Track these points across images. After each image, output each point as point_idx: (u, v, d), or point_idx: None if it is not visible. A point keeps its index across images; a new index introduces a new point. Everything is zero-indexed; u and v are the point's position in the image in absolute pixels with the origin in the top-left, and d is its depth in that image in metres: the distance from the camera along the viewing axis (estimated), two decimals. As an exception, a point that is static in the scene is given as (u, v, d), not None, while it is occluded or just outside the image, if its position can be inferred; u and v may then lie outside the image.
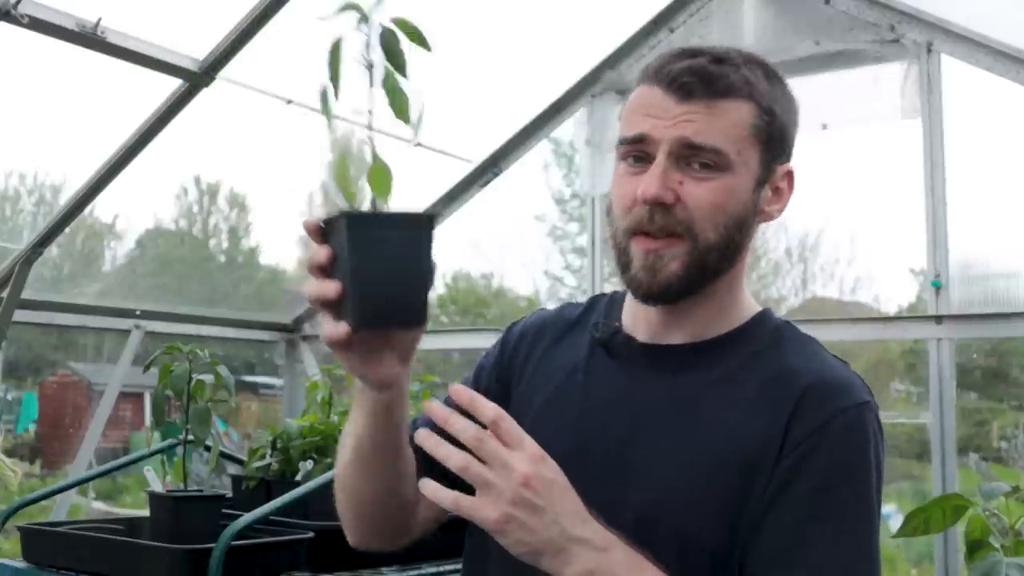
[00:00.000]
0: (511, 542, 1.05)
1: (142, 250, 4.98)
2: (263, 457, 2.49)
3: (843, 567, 1.11)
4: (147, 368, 2.17)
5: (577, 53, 3.45)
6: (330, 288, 1.03)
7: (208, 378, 2.13)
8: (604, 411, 1.24)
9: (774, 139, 1.23)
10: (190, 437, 2.13)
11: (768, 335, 1.26)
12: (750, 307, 1.30)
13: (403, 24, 1.08)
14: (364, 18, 1.07)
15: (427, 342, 1.10)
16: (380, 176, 1.06)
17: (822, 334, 1.34)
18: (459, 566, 1.41)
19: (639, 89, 1.24)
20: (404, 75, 1.08)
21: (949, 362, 3.04)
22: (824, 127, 3.33)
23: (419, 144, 1.15)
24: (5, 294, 3.20)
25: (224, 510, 2.16)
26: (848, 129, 3.37)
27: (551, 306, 1.44)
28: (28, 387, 13.36)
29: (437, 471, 1.08)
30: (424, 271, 1.05)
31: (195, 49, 2.90)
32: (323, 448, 2.45)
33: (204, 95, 2.99)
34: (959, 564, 2.93)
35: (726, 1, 3.44)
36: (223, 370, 2.14)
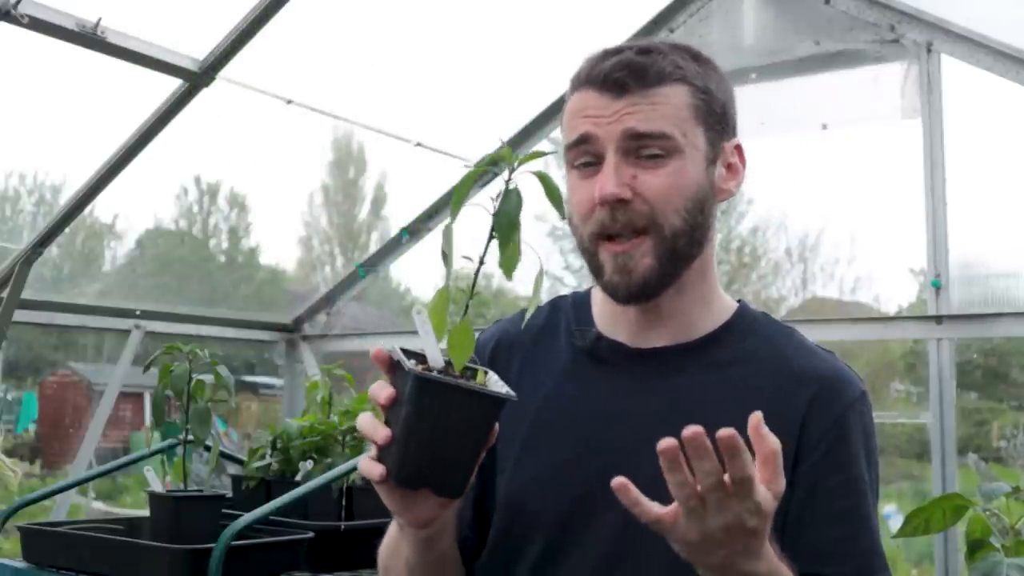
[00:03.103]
0: (686, 549, 0.99)
1: (142, 250, 4.98)
2: (263, 457, 2.49)
3: (879, 550, 1.20)
4: (147, 368, 2.17)
5: (577, 53, 3.45)
6: (380, 434, 1.04)
7: (208, 378, 2.13)
8: (607, 421, 1.23)
9: (715, 116, 1.24)
10: (190, 437, 2.13)
11: (753, 329, 1.28)
12: (727, 301, 1.31)
13: (543, 178, 1.06)
14: (510, 169, 1.04)
15: (427, 342, 1.10)
16: (462, 338, 1.04)
17: (822, 334, 1.36)
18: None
19: (572, 97, 1.25)
20: (515, 239, 1.04)
21: (949, 362, 3.04)
22: (824, 127, 3.33)
23: (419, 144, 1.15)
24: (5, 294, 3.20)
25: (224, 510, 2.16)
26: (848, 129, 3.37)
27: None
28: (28, 387, 13.35)
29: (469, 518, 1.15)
30: (477, 449, 1.04)
31: (195, 49, 2.89)
32: (323, 448, 2.45)
33: (204, 95, 2.99)
34: (959, 564, 2.93)
35: (726, 1, 3.44)
36: (223, 370, 2.14)
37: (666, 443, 0.93)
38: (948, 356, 3.04)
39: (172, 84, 2.97)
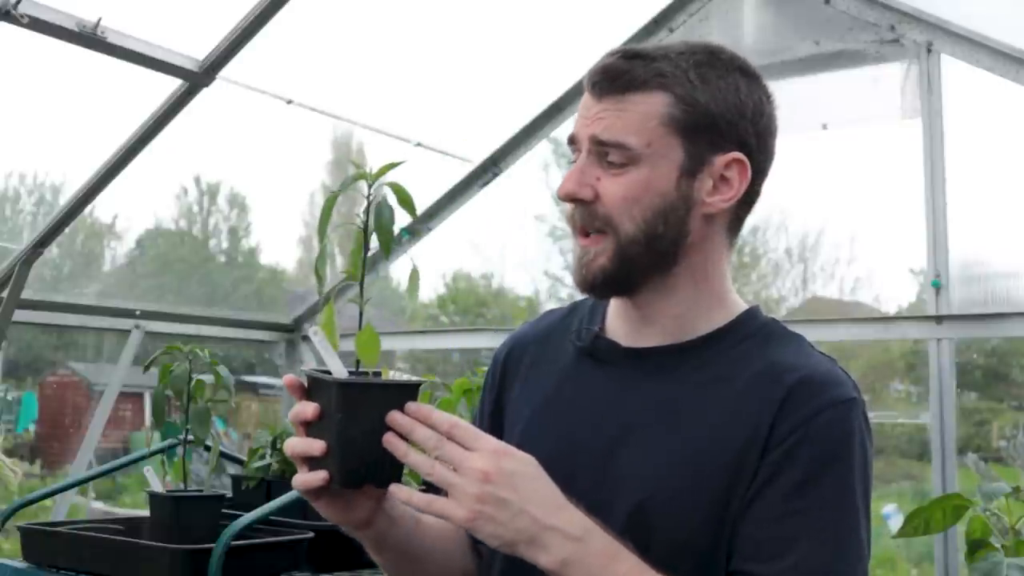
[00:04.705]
0: (486, 536, 1.07)
1: (142, 250, 4.99)
2: (263, 457, 2.49)
3: (824, 560, 1.12)
4: (147, 368, 2.17)
5: (577, 53, 3.46)
6: (316, 447, 1.09)
7: (208, 378, 2.13)
8: (592, 418, 1.24)
9: (701, 128, 1.20)
10: (190, 437, 2.13)
11: (754, 332, 1.26)
12: (735, 305, 1.28)
13: (396, 188, 1.18)
14: (369, 184, 1.17)
15: (427, 342, 1.11)
16: (368, 343, 1.14)
17: (822, 334, 1.35)
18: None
19: None
20: (388, 251, 1.17)
21: (949, 362, 3.04)
22: (824, 127, 3.33)
23: (419, 144, 1.19)
24: (5, 294, 3.20)
25: (224, 510, 2.16)
26: (848, 129, 3.37)
27: (550, 306, 1.45)
28: (28, 387, 13.36)
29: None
30: (403, 436, 1.11)
31: (195, 49, 2.90)
32: (323, 448, 2.45)
33: (204, 95, 2.99)
34: (959, 564, 2.93)
35: (726, 1, 3.43)
36: (223, 370, 2.14)
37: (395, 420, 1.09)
38: (948, 356, 3.04)
39: (172, 84, 2.97)
